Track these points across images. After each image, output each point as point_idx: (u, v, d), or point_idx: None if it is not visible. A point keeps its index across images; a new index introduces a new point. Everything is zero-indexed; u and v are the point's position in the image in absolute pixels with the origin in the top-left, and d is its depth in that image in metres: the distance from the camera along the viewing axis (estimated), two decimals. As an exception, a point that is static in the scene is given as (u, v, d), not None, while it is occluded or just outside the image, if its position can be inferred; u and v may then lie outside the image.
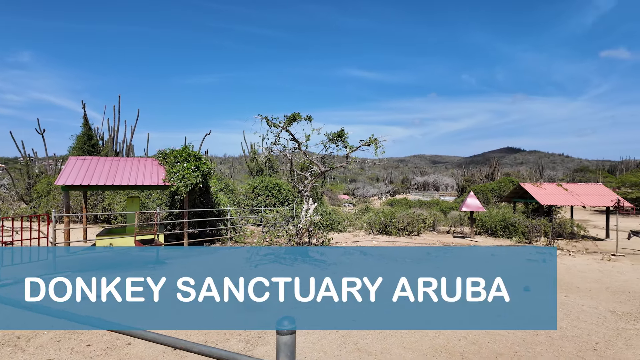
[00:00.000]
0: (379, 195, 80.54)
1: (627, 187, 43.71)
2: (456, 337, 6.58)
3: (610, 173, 72.76)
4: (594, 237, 23.09)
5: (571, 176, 76.34)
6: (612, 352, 6.11)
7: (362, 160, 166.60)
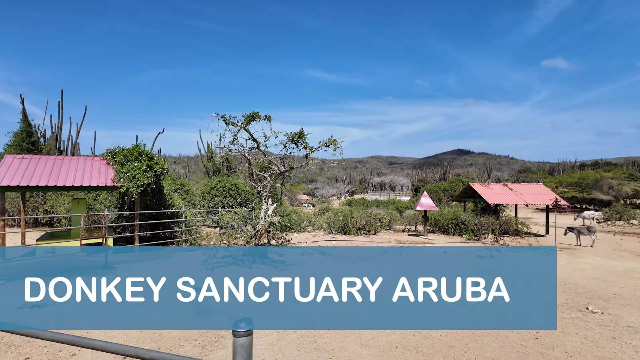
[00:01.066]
0: (338, 195, 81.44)
1: (564, 187, 47.41)
2: (411, 332, 6.80)
3: (550, 174, 78.65)
4: (535, 234, 24.83)
5: (515, 177, 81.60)
6: (551, 339, 6.61)
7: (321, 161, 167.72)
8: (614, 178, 47.93)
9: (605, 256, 16.39)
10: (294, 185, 69.00)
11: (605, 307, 8.52)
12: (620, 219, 33.93)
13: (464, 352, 6.05)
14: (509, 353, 6.03)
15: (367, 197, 60.54)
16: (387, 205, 38.17)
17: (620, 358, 5.90)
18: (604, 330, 7.07)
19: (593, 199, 44.06)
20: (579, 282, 10.95)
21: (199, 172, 57.17)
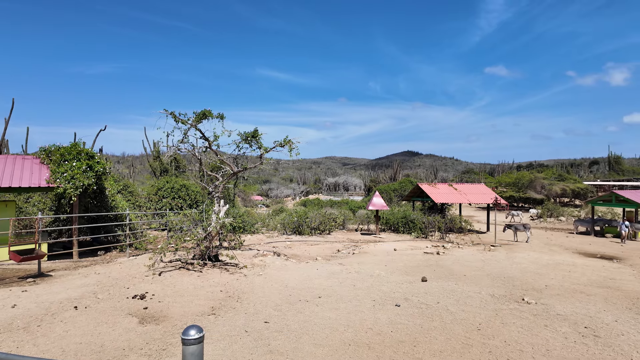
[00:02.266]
0: (292, 195, 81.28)
1: (503, 187, 50.91)
2: (363, 330, 6.94)
3: (490, 174, 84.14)
4: (477, 231, 26.43)
5: (460, 177, 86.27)
6: (492, 330, 7.05)
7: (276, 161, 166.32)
8: (546, 179, 52.28)
9: (538, 250, 17.82)
10: (247, 186, 67.87)
11: (538, 297, 9.25)
12: (551, 216, 37.07)
13: (413, 346, 6.28)
14: (454, 345, 6.34)
15: (321, 198, 61.03)
16: (341, 205, 38.74)
17: (552, 344, 6.43)
18: (538, 319, 7.66)
19: (528, 198, 47.75)
20: (516, 275, 11.80)
21: (145, 172, 54.41)
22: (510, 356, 5.94)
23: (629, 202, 24.32)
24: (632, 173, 71.72)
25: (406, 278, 11.16)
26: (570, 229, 28.61)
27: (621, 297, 9.35)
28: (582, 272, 12.35)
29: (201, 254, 12.12)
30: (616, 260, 15.38)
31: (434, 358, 5.86)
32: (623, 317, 7.85)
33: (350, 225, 27.81)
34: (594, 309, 8.33)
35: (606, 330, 7.03)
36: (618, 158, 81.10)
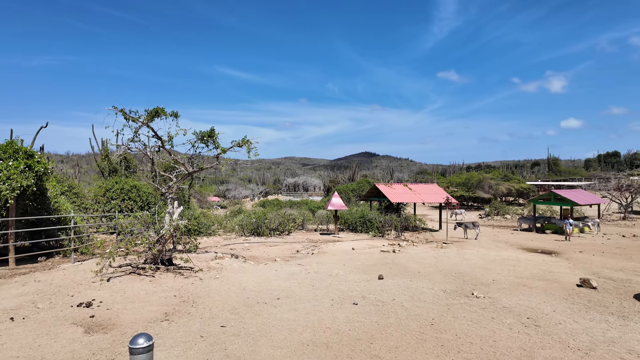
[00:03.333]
0: (251, 196, 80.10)
1: (454, 187, 53.36)
2: (321, 329, 6.98)
3: (442, 175, 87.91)
4: (431, 229, 27.50)
5: (414, 178, 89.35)
6: (444, 324, 7.36)
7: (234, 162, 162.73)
8: (493, 179, 55.49)
9: (486, 247, 18.86)
10: (203, 187, 65.97)
11: (486, 291, 9.79)
12: (497, 214, 39.36)
13: (370, 343, 6.41)
14: (409, 340, 6.55)
15: (280, 198, 60.68)
16: (300, 205, 38.74)
17: (498, 335, 6.82)
18: (485, 312, 8.11)
19: (477, 197, 50.41)
20: (466, 271, 12.41)
21: (92, 172, 51.28)
22: (460, 348, 6.23)
23: (565, 201, 26.42)
24: (568, 174, 78.04)
25: (364, 276, 11.37)
26: (515, 226, 30.57)
27: (559, 289, 10.13)
28: (525, 267, 13.22)
29: (154, 258, 11.61)
30: (555, 255, 16.63)
31: (390, 354, 6.02)
32: (560, 307, 8.51)
33: (310, 226, 27.89)
34: (535, 301, 8.95)
35: (546, 320, 7.58)
36: (556, 160, 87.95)
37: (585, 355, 5.96)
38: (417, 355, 5.96)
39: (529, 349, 6.21)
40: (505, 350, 6.14)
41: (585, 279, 10.50)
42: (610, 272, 12.62)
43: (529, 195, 50.81)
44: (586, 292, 9.79)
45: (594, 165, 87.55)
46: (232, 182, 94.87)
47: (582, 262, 14.48)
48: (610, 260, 15.22)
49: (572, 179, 65.76)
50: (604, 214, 35.18)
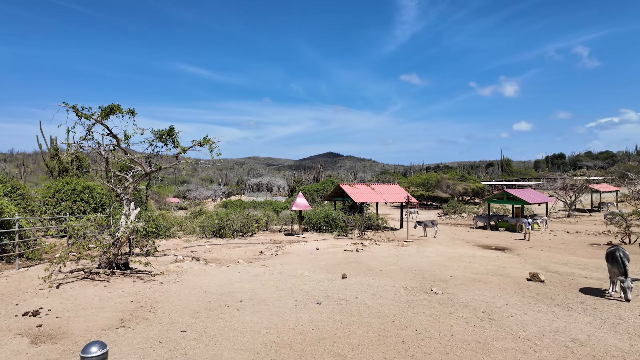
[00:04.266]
0: (213, 197, 78.26)
1: (414, 187, 54.99)
2: (285, 330, 6.95)
3: (403, 175, 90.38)
4: (392, 228, 28.18)
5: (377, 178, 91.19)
6: (404, 321, 7.57)
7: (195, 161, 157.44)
8: (451, 179, 57.76)
9: (445, 244, 19.60)
10: (162, 188, 63.70)
11: (444, 287, 10.17)
12: (454, 213, 41.01)
13: (333, 342, 6.47)
14: (371, 337, 6.68)
15: (244, 199, 59.75)
16: (264, 206, 38.35)
17: (455, 329, 7.11)
18: (444, 307, 8.43)
19: (436, 197, 52.26)
20: (425, 268, 12.83)
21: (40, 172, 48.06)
22: (420, 343, 6.44)
23: (517, 200, 28.00)
24: (519, 174, 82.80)
25: (327, 276, 11.45)
26: (471, 224, 31.99)
27: (511, 283, 10.72)
28: (480, 263, 13.87)
29: (109, 262, 11.06)
30: (507, 251, 17.57)
31: (353, 352, 6.11)
32: (512, 300, 9.01)
33: (274, 226, 27.69)
34: (489, 295, 9.41)
35: (499, 313, 7.99)
36: (508, 161, 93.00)
37: (534, 345, 6.35)
38: (379, 352, 6.09)
39: (483, 341, 6.53)
40: (462, 344, 6.41)
41: (534, 274, 11.19)
42: (557, 266, 13.53)
43: (483, 195, 53.36)
44: (535, 286, 10.43)
45: (542, 166, 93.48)
46: (193, 183, 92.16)
47: (531, 258, 15.40)
48: (556, 255, 16.31)
49: (523, 179, 69.84)
50: (551, 212, 37.64)
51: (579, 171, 54.57)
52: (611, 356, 5.91)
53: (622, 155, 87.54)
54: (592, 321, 7.49)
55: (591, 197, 43.77)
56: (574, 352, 6.07)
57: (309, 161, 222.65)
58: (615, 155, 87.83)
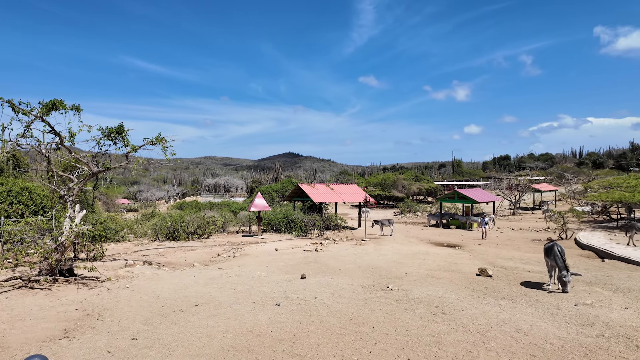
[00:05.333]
0: (166, 198, 75.27)
1: (372, 187, 56.25)
2: (243, 333, 6.83)
3: (361, 175, 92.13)
4: (351, 227, 28.62)
5: (336, 178, 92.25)
6: (362, 318, 7.70)
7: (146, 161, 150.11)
8: (406, 179, 59.72)
9: (400, 242, 20.21)
10: (111, 188, 60.40)
11: (400, 284, 10.48)
12: (409, 212, 42.42)
13: (292, 342, 6.45)
14: (330, 336, 6.74)
15: (200, 200, 58.03)
16: (221, 207, 37.46)
17: (410, 324, 7.35)
18: (399, 304, 8.68)
19: (392, 196, 53.78)
20: (382, 265, 13.15)
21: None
22: (377, 340, 6.59)
23: (467, 199, 29.49)
24: (469, 174, 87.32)
25: (287, 276, 11.40)
26: (425, 222, 33.24)
27: (462, 278, 11.25)
28: (433, 260, 14.45)
29: (50, 269, 10.29)
30: (458, 248, 18.44)
31: (312, 351, 6.12)
32: (463, 295, 9.46)
33: (232, 228, 27.13)
34: (442, 290, 9.83)
35: (451, 308, 8.36)
36: (459, 162, 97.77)
37: (483, 337, 6.71)
38: (338, 350, 6.15)
39: (437, 335, 6.80)
40: (417, 339, 6.64)
41: (483, 269, 11.83)
42: (503, 261, 14.40)
43: (436, 194, 55.66)
44: (484, 280, 11.03)
45: (490, 167, 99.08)
46: (144, 183, 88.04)
47: (480, 254, 16.28)
48: (502, 251, 17.37)
49: (472, 179, 73.69)
50: (497, 210, 40.02)
51: (522, 172, 58.51)
52: (551, 344, 6.38)
53: (560, 157, 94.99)
54: (534, 312, 8.05)
55: (533, 196, 47.04)
56: (518, 341, 6.48)
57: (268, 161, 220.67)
58: (554, 157, 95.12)
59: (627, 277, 11.46)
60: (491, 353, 6.02)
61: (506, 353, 6.02)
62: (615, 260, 14.72)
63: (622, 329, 6.95)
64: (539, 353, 6.01)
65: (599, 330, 6.95)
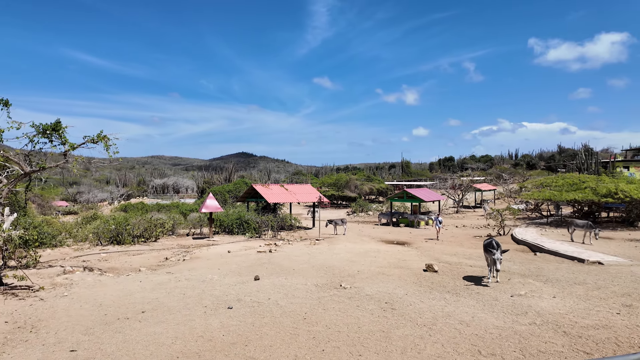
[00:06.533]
0: (109, 200, 70.84)
1: (326, 187, 56.85)
2: (193, 339, 6.64)
3: (316, 176, 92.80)
4: (305, 227, 28.74)
5: (290, 178, 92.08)
6: (315, 317, 7.79)
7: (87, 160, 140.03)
8: (358, 179, 61.08)
9: (353, 241, 20.64)
10: (46, 190, 55.77)
11: (352, 282, 10.72)
12: (362, 211, 43.42)
13: (245, 345, 6.38)
14: (283, 337, 6.75)
15: (146, 201, 55.25)
16: (170, 209, 35.93)
17: (362, 321, 7.55)
18: (351, 301, 8.88)
19: (345, 196, 54.74)
20: (336, 264, 13.36)
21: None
22: (330, 338, 6.70)
23: (415, 198, 30.76)
24: (417, 175, 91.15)
25: (239, 279, 11.23)
26: (376, 221, 34.21)
27: (410, 274, 11.74)
28: (384, 257, 14.92)
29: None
30: (407, 245, 19.20)
31: (265, 353, 6.09)
32: (411, 290, 9.88)
33: (182, 230, 26.14)
34: (391, 287, 10.19)
35: (400, 303, 8.70)
36: (408, 163, 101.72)
37: (429, 330, 7.06)
38: (291, 350, 6.18)
39: (386, 330, 7.05)
40: (368, 334, 6.84)
41: (429, 265, 12.43)
42: (447, 257, 15.21)
43: (387, 194, 57.48)
44: (430, 276, 11.59)
45: (436, 168, 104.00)
46: (85, 184, 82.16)
47: (427, 250, 17.07)
48: (447, 247, 18.33)
49: (420, 179, 76.98)
50: (442, 209, 42.13)
51: (465, 172, 62.14)
52: (490, 333, 6.86)
53: (498, 158, 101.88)
54: (475, 304, 8.61)
55: (474, 195, 50.09)
56: (461, 332, 6.90)
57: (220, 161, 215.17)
58: (493, 158, 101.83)
59: (555, 268, 12.60)
60: (437, 345, 6.35)
61: (450, 344, 6.38)
62: (545, 253, 16.11)
63: (551, 317, 7.64)
64: (480, 342, 6.45)
65: (531, 318, 7.58)
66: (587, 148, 59.58)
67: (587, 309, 8.13)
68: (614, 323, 7.23)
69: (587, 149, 58.81)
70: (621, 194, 22.60)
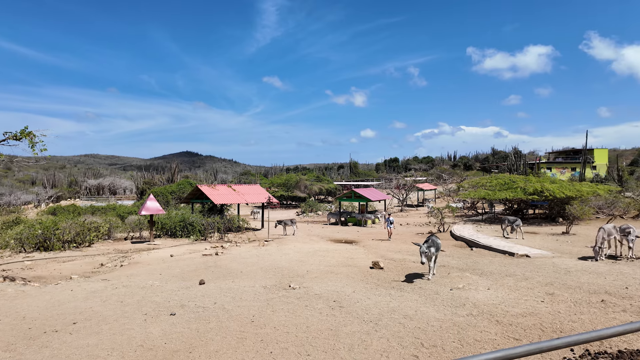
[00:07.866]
0: (36, 202, 64.56)
1: (275, 187, 56.41)
2: (132, 349, 6.23)
3: (265, 176, 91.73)
4: (254, 228, 28.27)
5: (238, 179, 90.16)
6: (264, 319, 7.66)
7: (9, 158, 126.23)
8: (308, 180, 61.38)
9: (302, 241, 20.67)
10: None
11: (301, 282, 10.71)
12: (311, 211, 43.67)
13: (189, 352, 6.10)
14: (230, 341, 6.55)
15: (79, 203, 51.11)
16: (106, 211, 33.52)
17: (311, 321, 7.56)
18: (300, 301, 8.86)
19: (295, 196, 54.72)
20: (285, 265, 13.28)
21: None
22: (279, 339, 6.62)
23: (362, 198, 31.53)
24: (364, 175, 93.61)
25: (183, 284, 10.75)
26: (325, 221, 34.59)
27: (357, 272, 11.99)
28: (332, 256, 15.10)
29: None
30: (355, 244, 19.60)
31: (210, 359, 5.88)
32: (358, 287, 10.08)
33: (119, 234, 24.49)
34: (340, 285, 10.33)
35: (348, 301, 8.84)
36: (355, 163, 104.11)
37: (375, 325, 7.24)
38: (238, 355, 6.02)
39: (335, 328, 7.12)
40: (317, 333, 6.86)
41: (376, 262, 12.78)
42: (393, 254, 15.76)
43: (336, 194, 58.36)
44: (376, 273, 11.92)
45: (382, 169, 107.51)
46: (6, 185, 74.11)
47: (374, 248, 17.56)
48: (392, 244, 18.99)
49: (367, 179, 79.12)
50: (388, 208, 43.65)
51: (408, 173, 64.95)
52: (431, 326, 7.19)
53: (439, 160, 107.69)
54: (418, 298, 8.99)
55: (417, 194, 52.51)
56: (405, 326, 7.16)
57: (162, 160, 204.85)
58: (434, 160, 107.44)
59: (489, 262, 13.55)
60: (382, 340, 6.54)
61: (395, 338, 6.60)
62: (481, 248, 17.29)
63: (486, 307, 8.19)
64: (422, 335, 6.73)
65: (468, 310, 8.07)
66: (517, 151, 65.05)
67: (516, 298, 8.82)
68: (539, 310, 7.92)
69: (516, 151, 64.20)
70: (547, 192, 24.91)
